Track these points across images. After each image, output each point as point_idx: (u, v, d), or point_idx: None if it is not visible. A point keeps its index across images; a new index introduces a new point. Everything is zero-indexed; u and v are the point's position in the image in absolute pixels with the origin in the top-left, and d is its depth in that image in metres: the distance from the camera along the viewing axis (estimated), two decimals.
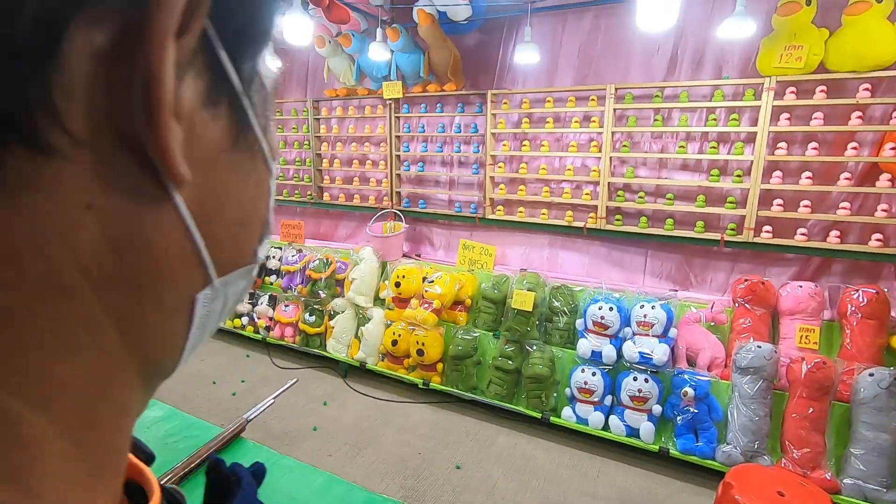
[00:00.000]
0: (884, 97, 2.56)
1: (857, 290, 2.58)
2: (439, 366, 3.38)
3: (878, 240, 2.59)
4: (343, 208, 4.41)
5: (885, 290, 2.57)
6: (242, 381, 3.67)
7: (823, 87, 2.62)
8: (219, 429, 1.47)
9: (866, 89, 2.54)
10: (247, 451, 1.40)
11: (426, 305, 3.40)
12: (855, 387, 2.35)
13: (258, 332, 4.20)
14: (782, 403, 2.54)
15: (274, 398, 1.62)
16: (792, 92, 2.69)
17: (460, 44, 3.67)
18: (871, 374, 2.29)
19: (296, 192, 4.65)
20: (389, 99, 3.87)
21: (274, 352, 4.17)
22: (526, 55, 3.12)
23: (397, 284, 3.55)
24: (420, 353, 3.32)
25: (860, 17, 2.46)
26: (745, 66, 2.92)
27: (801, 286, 2.72)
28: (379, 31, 3.34)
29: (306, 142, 4.45)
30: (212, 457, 0.59)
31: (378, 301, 3.85)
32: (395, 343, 3.45)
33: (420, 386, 3.39)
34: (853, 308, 2.56)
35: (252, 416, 1.54)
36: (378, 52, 3.36)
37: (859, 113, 2.58)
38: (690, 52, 3.07)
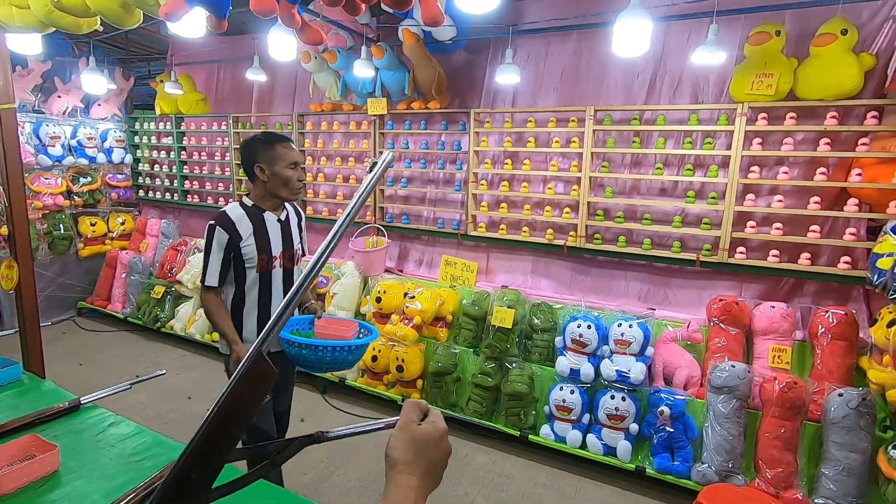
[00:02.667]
0: (850, 125, 2.66)
1: (826, 312, 2.64)
2: (419, 382, 3.37)
3: (846, 262, 2.66)
4: (326, 222, 4.40)
5: (854, 311, 2.64)
6: None
7: (793, 114, 2.72)
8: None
9: (833, 117, 2.63)
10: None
11: (407, 321, 3.40)
12: (825, 407, 2.39)
13: None
14: (756, 423, 2.57)
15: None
16: (763, 118, 2.77)
17: (446, 63, 3.73)
18: (841, 395, 2.34)
19: None
20: (374, 115, 3.90)
21: None
22: (506, 76, 3.18)
23: (378, 300, 3.55)
24: (400, 369, 3.30)
25: (826, 49, 2.56)
26: (719, 93, 3.01)
27: (773, 306, 2.77)
28: (364, 48, 3.38)
29: None
30: None
31: (359, 316, 3.83)
32: (374, 359, 3.43)
33: (399, 403, 3.36)
34: (824, 329, 2.62)
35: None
36: (362, 69, 3.39)
37: (828, 139, 2.67)
38: (669, 77, 3.16)
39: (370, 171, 0.79)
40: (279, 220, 2.05)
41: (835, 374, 2.54)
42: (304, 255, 2.22)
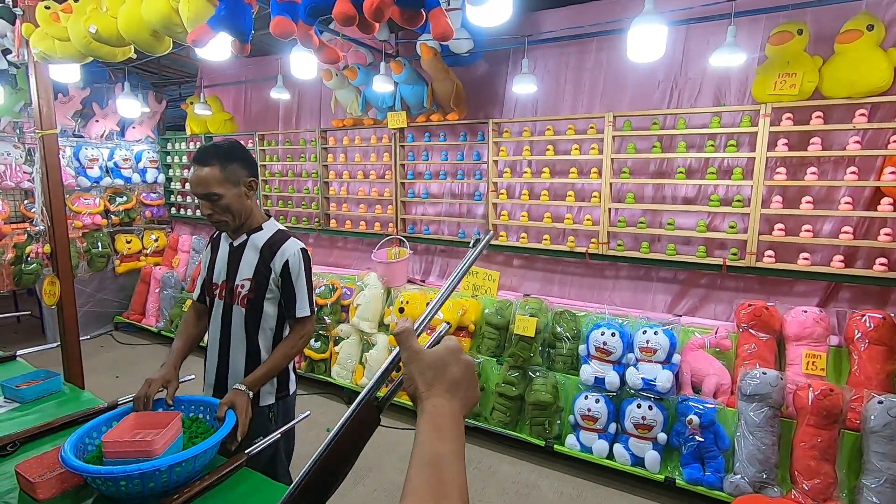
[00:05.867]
0: (880, 122, 2.57)
1: (863, 316, 2.54)
2: None
3: (882, 264, 2.56)
4: (349, 235, 4.48)
5: (893, 314, 2.53)
6: None
7: (819, 113, 2.65)
8: (221, 459, 1.44)
9: (862, 115, 2.55)
10: (249, 481, 1.39)
11: (429, 331, 3.41)
12: (864, 415, 2.29)
13: None
14: (790, 432, 2.48)
15: (280, 433, 1.51)
16: (788, 118, 2.71)
17: (466, 75, 3.77)
18: (881, 402, 2.24)
19: (303, 218, 4.74)
20: (394, 128, 3.97)
21: None
22: (523, 86, 3.21)
23: (401, 310, 3.58)
24: None
25: (852, 46, 2.50)
26: (741, 95, 2.96)
27: (805, 311, 2.69)
28: (383, 64, 3.45)
29: (314, 170, 4.56)
30: None
31: (382, 327, 3.87)
32: (398, 369, 3.44)
33: None
34: (860, 333, 2.52)
35: (254, 451, 1.46)
36: (382, 84, 3.47)
37: (857, 138, 2.59)
38: (690, 81, 3.12)
39: (473, 245, 0.81)
40: (231, 245, 1.80)
41: (874, 381, 2.44)
42: (290, 311, 1.79)
